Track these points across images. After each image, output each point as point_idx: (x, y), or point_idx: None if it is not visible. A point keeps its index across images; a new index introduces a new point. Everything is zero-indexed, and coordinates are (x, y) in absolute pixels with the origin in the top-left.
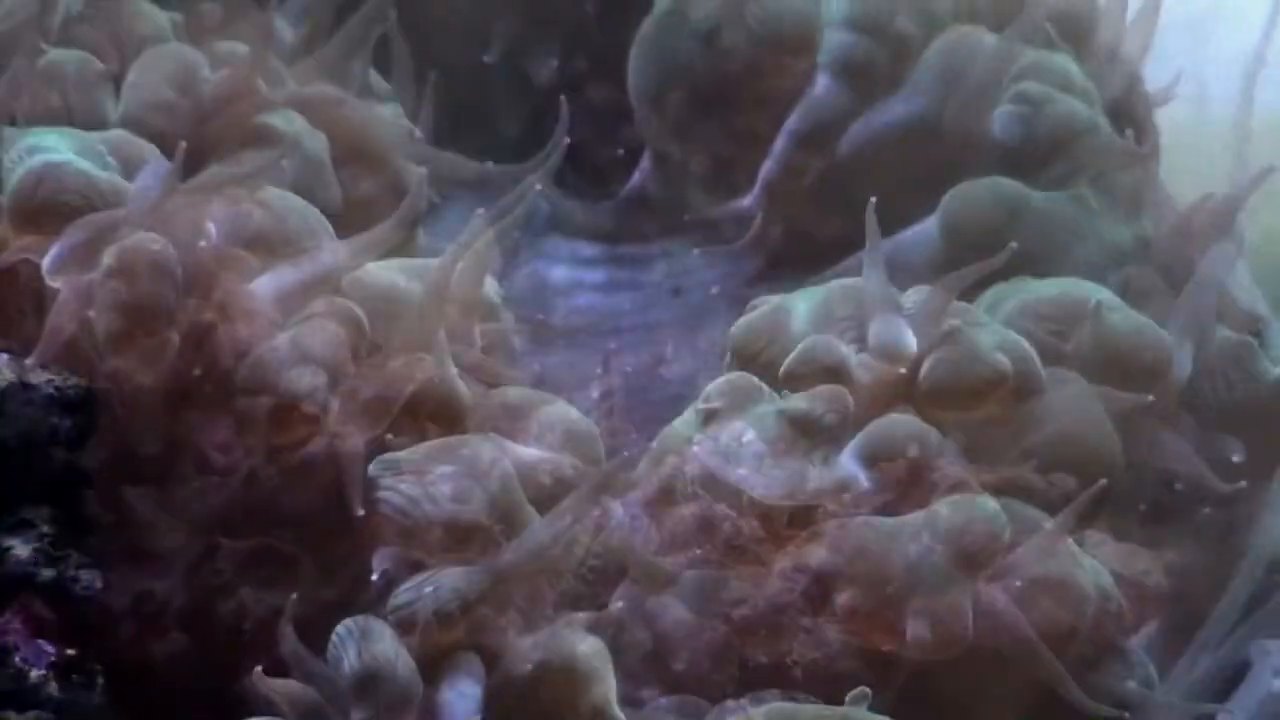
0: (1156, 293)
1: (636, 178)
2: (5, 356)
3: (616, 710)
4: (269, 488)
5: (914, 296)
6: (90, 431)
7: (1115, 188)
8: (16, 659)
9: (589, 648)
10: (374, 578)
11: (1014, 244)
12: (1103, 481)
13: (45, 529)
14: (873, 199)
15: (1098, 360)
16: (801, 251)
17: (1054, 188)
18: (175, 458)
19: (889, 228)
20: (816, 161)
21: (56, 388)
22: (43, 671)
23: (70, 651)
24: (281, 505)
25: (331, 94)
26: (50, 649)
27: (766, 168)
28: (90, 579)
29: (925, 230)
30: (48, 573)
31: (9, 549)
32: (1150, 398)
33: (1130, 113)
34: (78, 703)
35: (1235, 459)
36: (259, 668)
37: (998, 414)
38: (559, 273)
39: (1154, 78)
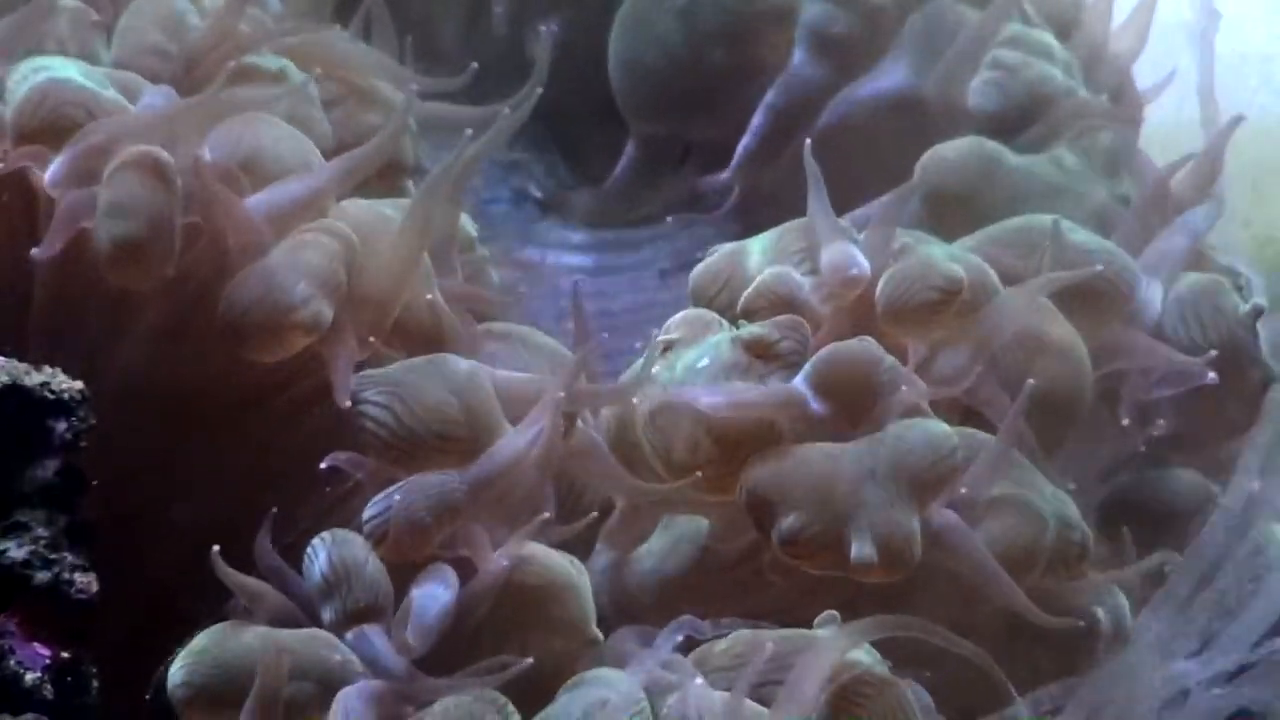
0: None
1: (622, 162)
2: (0, 359)
3: (594, 628)
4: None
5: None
6: (86, 433)
7: (1094, 149)
8: (12, 661)
9: (566, 563)
10: (322, 465)
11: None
12: (1030, 382)
13: (41, 531)
14: (808, 141)
15: None
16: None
17: (1032, 151)
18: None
19: (870, 199)
20: (796, 134)
21: (52, 390)
22: (38, 674)
23: (65, 654)
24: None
25: (318, 37)
26: (45, 651)
27: (744, 141)
28: (86, 582)
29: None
30: (43, 575)
31: (4, 552)
32: (1099, 267)
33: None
34: (73, 705)
35: (1212, 377)
36: (216, 548)
37: (957, 327)
38: (548, 258)
39: (1148, 79)
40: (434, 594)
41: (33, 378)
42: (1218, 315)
